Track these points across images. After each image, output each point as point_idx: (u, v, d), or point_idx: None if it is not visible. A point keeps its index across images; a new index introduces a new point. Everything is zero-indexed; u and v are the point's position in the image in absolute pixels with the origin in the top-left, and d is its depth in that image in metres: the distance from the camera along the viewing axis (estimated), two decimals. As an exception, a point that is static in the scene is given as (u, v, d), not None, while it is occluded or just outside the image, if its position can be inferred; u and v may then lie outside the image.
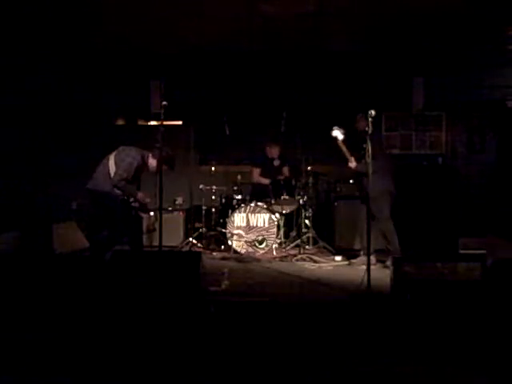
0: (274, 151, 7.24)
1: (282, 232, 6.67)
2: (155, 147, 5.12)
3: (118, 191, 5.12)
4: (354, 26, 6.28)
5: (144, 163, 5.27)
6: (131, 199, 5.23)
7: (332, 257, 6.24)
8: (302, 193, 6.67)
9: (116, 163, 5.14)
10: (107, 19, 6.09)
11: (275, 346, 3.35)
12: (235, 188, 6.90)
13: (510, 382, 2.90)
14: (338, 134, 5.59)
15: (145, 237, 6.76)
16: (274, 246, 6.49)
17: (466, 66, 7.49)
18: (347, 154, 5.68)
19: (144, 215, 5.78)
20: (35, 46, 6.94)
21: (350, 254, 6.11)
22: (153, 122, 8.12)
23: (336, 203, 6.90)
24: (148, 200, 5.31)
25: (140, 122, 8.31)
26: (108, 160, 5.20)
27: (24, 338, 3.49)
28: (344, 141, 5.63)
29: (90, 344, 3.39)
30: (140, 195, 5.25)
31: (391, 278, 4.20)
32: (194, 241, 6.87)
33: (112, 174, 5.11)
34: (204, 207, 6.93)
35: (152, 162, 5.28)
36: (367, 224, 4.59)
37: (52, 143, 7.89)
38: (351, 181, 6.62)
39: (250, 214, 6.59)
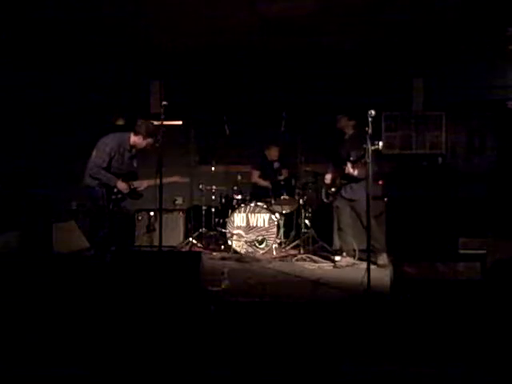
0: (273, 153, 7.28)
1: (281, 232, 6.67)
2: (136, 124, 5.11)
3: (96, 182, 5.02)
4: (354, 26, 6.28)
5: (128, 146, 5.16)
6: (114, 190, 5.07)
7: (332, 257, 6.22)
8: (301, 193, 6.67)
9: (94, 154, 5.14)
10: (107, 19, 6.09)
11: (275, 346, 3.36)
12: (235, 188, 6.90)
13: (511, 381, 2.90)
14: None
15: (145, 237, 6.78)
16: (273, 246, 6.49)
17: (466, 67, 7.48)
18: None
19: (141, 214, 5.69)
20: (36, 46, 6.95)
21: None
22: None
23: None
24: (126, 190, 5.14)
25: (140, 122, 8.31)
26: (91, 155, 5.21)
27: (24, 339, 3.50)
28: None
29: (91, 344, 3.40)
30: (120, 184, 5.08)
31: (391, 278, 4.20)
32: (194, 241, 6.87)
33: None
34: (204, 207, 6.94)
35: (136, 140, 5.19)
36: (367, 224, 4.58)
37: (52, 143, 7.89)
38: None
39: (249, 214, 6.58)
